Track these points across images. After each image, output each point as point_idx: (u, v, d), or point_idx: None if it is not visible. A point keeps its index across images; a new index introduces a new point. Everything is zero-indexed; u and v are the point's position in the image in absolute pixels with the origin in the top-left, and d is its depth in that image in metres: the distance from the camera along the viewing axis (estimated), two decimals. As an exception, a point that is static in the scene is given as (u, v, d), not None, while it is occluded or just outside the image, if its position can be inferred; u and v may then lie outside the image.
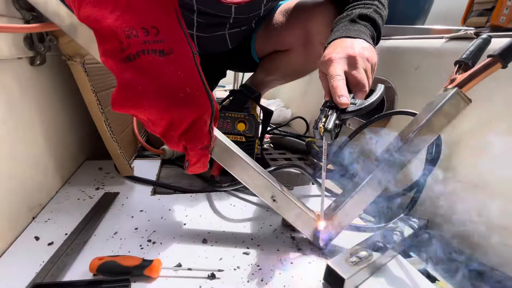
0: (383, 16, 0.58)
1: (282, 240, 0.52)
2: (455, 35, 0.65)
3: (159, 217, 0.56)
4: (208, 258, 0.46)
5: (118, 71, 0.37)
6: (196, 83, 0.40)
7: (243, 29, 0.88)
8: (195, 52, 0.41)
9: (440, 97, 0.47)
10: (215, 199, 0.65)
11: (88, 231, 0.49)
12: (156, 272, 0.40)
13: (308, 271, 0.45)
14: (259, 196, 0.48)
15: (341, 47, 0.48)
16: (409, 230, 0.53)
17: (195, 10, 0.77)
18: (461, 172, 0.57)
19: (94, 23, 0.37)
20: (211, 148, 0.44)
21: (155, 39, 0.38)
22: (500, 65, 0.44)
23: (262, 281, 0.42)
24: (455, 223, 0.54)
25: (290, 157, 0.98)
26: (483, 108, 0.55)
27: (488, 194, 0.52)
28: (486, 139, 0.53)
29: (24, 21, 0.51)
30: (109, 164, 0.76)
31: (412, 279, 0.45)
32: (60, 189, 0.63)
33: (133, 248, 0.47)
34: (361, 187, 0.49)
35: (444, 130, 0.47)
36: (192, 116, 0.40)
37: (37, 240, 0.47)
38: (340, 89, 0.43)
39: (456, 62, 0.50)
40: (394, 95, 0.78)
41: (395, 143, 0.50)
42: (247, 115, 0.76)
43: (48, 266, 0.41)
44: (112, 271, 0.39)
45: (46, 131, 0.59)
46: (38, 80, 0.57)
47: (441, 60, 0.67)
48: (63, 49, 0.56)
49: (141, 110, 0.39)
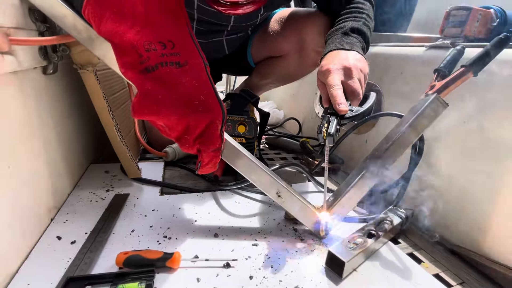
0: (370, 28, 0.65)
1: (286, 232, 0.58)
2: (434, 44, 0.72)
3: (170, 215, 0.60)
4: (221, 250, 0.51)
5: (139, 82, 0.41)
6: (208, 91, 0.44)
7: (240, 35, 0.92)
8: (206, 62, 0.45)
9: (422, 101, 0.54)
10: (220, 197, 0.69)
11: (107, 230, 0.52)
12: (177, 264, 0.45)
13: (311, 258, 0.51)
14: (265, 193, 0.53)
15: (337, 58, 0.54)
16: (397, 220, 0.60)
17: (195, 18, 0.81)
18: (439, 166, 0.64)
19: (115, 37, 0.40)
20: (222, 150, 0.49)
21: (171, 52, 0.42)
22: (472, 74, 0.51)
23: (272, 268, 0.47)
24: (433, 210, 0.61)
25: (286, 156, 1.04)
26: (458, 110, 0.62)
27: (460, 184, 0.59)
28: (460, 137, 0.61)
29: (38, 32, 0.53)
30: (114, 167, 0.79)
31: (402, 261, 0.52)
32: (72, 192, 0.66)
33: (151, 243, 0.51)
34: (355, 182, 0.55)
35: (425, 130, 0.54)
36: (206, 121, 0.44)
37: (59, 239, 0.50)
38: (339, 97, 0.49)
39: (435, 70, 0.57)
40: (381, 98, 0.85)
41: (383, 142, 0.56)
42: (247, 118, 0.81)
43: (76, 262, 0.44)
44: (137, 263, 0.43)
45: (58, 136, 0.61)
46: (50, 88, 0.59)
47: (422, 66, 0.74)
48: (75, 59, 0.58)
49: (160, 117, 0.43)
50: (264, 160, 0.93)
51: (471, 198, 0.57)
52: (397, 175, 0.67)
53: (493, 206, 0.53)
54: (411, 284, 0.47)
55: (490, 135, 0.55)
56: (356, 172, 0.57)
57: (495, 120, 0.54)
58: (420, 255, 0.56)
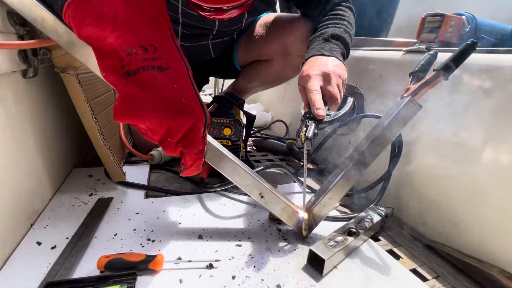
0: (351, 34, 0.67)
1: (270, 233, 0.59)
2: (411, 48, 0.76)
3: (155, 218, 0.60)
4: (205, 251, 0.52)
5: (120, 86, 0.41)
6: (190, 94, 0.45)
7: (226, 39, 0.93)
8: (188, 66, 0.46)
9: (398, 103, 0.57)
10: (206, 199, 0.70)
11: (89, 234, 0.52)
12: (159, 266, 0.45)
13: (294, 256, 0.52)
14: (248, 194, 0.54)
15: (317, 64, 0.56)
16: (377, 218, 0.62)
17: (180, 22, 0.81)
18: (418, 165, 0.67)
19: (96, 41, 0.41)
20: (205, 152, 0.49)
21: (153, 56, 0.42)
22: (443, 78, 0.54)
23: (254, 267, 0.48)
24: (411, 207, 0.64)
25: (273, 158, 1.05)
26: (434, 112, 0.65)
27: (436, 182, 0.62)
28: (436, 138, 0.64)
29: (17, 36, 0.53)
30: (98, 171, 0.78)
31: (381, 258, 0.54)
32: (53, 196, 0.65)
33: (134, 247, 0.51)
34: (336, 182, 0.56)
35: (402, 130, 0.56)
36: (188, 124, 0.44)
37: (39, 245, 0.49)
38: (317, 102, 0.51)
39: (410, 73, 0.60)
40: (363, 100, 0.88)
41: (363, 143, 0.58)
42: (232, 121, 0.82)
43: (55, 267, 0.43)
44: (119, 267, 0.43)
45: (39, 140, 0.60)
46: (30, 92, 0.59)
47: (400, 69, 0.77)
48: (56, 62, 0.58)
49: (142, 120, 0.43)
50: (250, 162, 0.94)
51: (447, 195, 0.60)
52: (376, 174, 0.70)
53: (466, 203, 0.56)
54: (388, 279, 0.48)
55: (462, 137, 0.58)
56: (337, 172, 0.59)
57: (464, 124, 0.57)
58: (399, 251, 0.58)
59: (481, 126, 0.55)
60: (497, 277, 0.47)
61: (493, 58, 0.56)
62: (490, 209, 0.52)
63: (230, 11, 0.65)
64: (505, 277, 0.47)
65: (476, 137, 0.56)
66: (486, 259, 0.51)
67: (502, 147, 0.52)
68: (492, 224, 0.52)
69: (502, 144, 0.52)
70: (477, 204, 0.54)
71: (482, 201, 0.54)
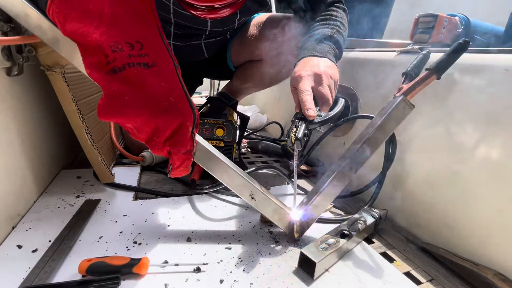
0: (344, 36, 0.67)
1: (261, 235, 0.57)
2: (404, 49, 0.75)
3: (142, 220, 0.58)
4: (193, 254, 0.50)
5: (104, 83, 0.40)
6: (178, 92, 0.43)
7: (218, 39, 0.93)
8: (176, 64, 0.45)
9: (390, 103, 0.56)
10: (196, 201, 0.68)
11: (73, 237, 0.50)
12: (144, 269, 0.43)
13: (285, 259, 0.51)
14: (238, 195, 0.53)
15: (309, 65, 0.55)
16: (371, 219, 0.61)
17: (172, 22, 0.81)
18: (412, 167, 0.66)
19: (80, 37, 0.40)
20: (193, 152, 0.48)
21: (139, 53, 0.41)
22: (435, 77, 0.53)
23: (244, 271, 0.47)
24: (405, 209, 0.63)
25: (267, 160, 1.04)
26: (427, 113, 0.65)
27: (430, 183, 0.61)
28: (430, 139, 0.63)
29: (1, 32, 0.51)
30: (87, 173, 0.76)
31: (374, 261, 0.53)
32: (38, 198, 0.63)
33: (120, 250, 0.49)
34: (327, 183, 0.55)
35: (394, 130, 0.56)
36: (175, 123, 0.43)
37: (20, 248, 0.47)
38: (308, 103, 0.50)
39: (403, 73, 0.59)
40: (358, 101, 0.88)
41: (356, 143, 0.57)
42: (225, 121, 0.80)
43: (35, 271, 0.42)
44: (102, 271, 0.42)
45: (23, 140, 0.58)
46: (15, 90, 0.57)
47: (393, 70, 0.76)
48: (42, 60, 0.57)
49: (127, 119, 0.42)
50: (243, 164, 0.93)
51: (441, 196, 0.59)
52: (370, 176, 0.69)
53: (460, 204, 0.55)
54: (381, 282, 0.47)
55: (455, 138, 0.57)
56: (330, 173, 0.57)
57: (458, 123, 0.57)
58: (393, 254, 0.57)
59: (474, 126, 0.55)
60: (492, 280, 0.46)
61: (485, 57, 0.56)
62: (484, 211, 0.52)
63: (222, 10, 0.65)
64: (500, 280, 0.46)
65: (469, 138, 0.55)
66: (481, 262, 0.50)
67: (495, 147, 0.51)
68: (486, 226, 0.51)
69: (495, 144, 0.51)
70: (471, 205, 0.54)
71: (476, 202, 0.53)
